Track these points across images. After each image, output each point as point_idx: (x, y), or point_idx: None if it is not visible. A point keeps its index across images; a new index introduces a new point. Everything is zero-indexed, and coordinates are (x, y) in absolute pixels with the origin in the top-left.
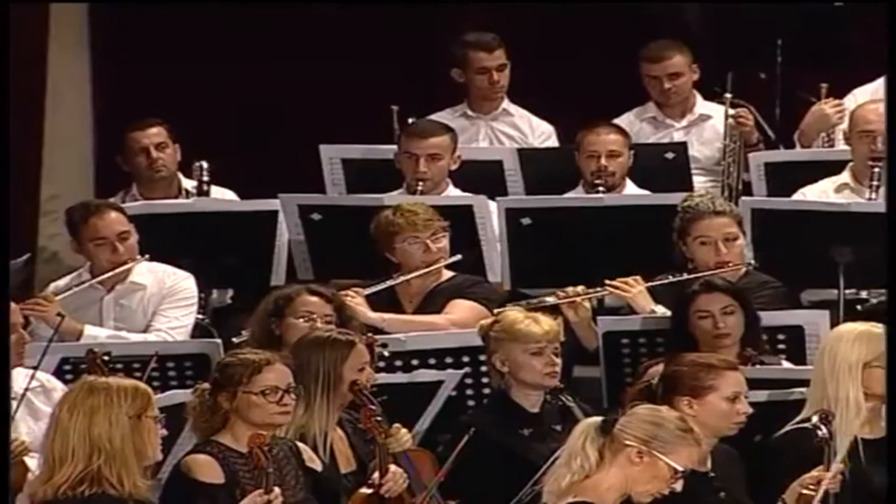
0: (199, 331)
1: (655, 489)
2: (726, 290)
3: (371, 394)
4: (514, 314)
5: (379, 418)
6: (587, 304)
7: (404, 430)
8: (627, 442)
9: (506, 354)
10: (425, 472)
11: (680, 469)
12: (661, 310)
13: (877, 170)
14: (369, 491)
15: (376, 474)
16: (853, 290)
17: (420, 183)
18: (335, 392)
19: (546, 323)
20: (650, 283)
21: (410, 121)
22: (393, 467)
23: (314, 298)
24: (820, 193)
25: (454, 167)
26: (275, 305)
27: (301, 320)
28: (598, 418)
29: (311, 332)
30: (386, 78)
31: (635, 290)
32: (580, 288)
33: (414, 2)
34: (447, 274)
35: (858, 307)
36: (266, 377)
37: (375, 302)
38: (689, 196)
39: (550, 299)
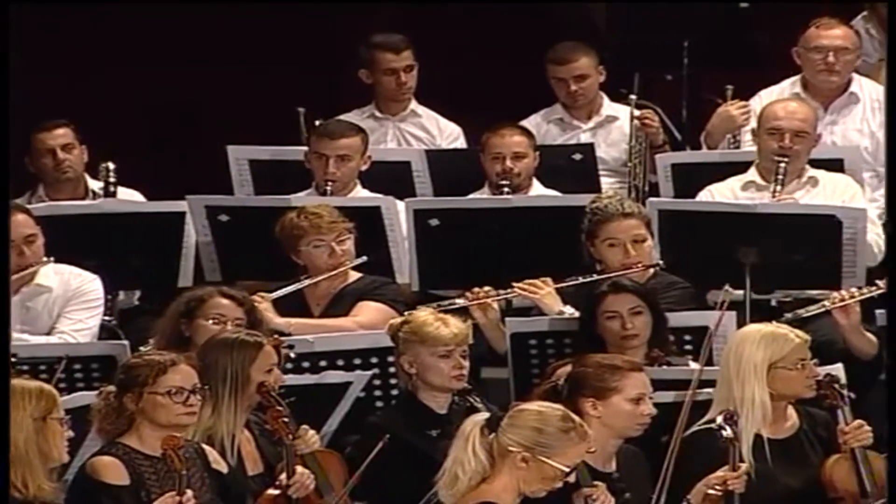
0: (105, 332)
1: (548, 487)
2: (634, 291)
3: (279, 395)
4: (424, 316)
5: (285, 419)
6: (496, 306)
7: (312, 432)
8: (511, 448)
9: (414, 356)
10: (333, 473)
11: (567, 469)
12: (570, 311)
13: (782, 165)
14: (276, 492)
15: (283, 475)
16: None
17: (329, 183)
18: (243, 394)
19: (455, 326)
20: (559, 285)
21: (318, 122)
22: (300, 468)
23: (226, 301)
24: (727, 191)
25: (364, 168)
26: (186, 306)
27: (211, 322)
28: (482, 417)
29: (219, 334)
30: (293, 79)
31: (543, 291)
32: (489, 289)
33: (321, 2)
34: (354, 275)
35: (778, 321)
36: (171, 378)
37: (282, 305)
38: (596, 198)
39: (460, 301)
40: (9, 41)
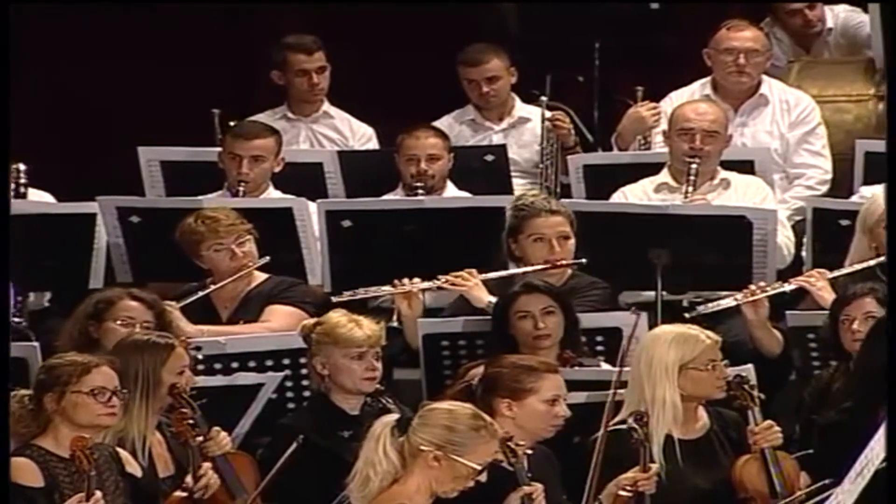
0: (16, 334)
1: (460, 486)
2: (547, 291)
3: (190, 397)
4: (337, 318)
5: (191, 421)
6: (422, 297)
7: (224, 434)
8: (422, 448)
9: (326, 357)
10: (245, 475)
11: (478, 468)
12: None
13: (693, 166)
14: (184, 494)
15: (189, 477)
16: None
17: (242, 184)
18: (154, 396)
19: (368, 327)
20: (485, 276)
21: (232, 123)
22: (205, 465)
23: (135, 304)
24: (640, 192)
25: (278, 169)
26: (95, 308)
27: (120, 324)
28: (392, 418)
29: (130, 336)
30: (205, 79)
31: (471, 282)
32: (417, 280)
33: (233, 2)
34: (260, 277)
35: (688, 314)
36: (94, 378)
37: (191, 311)
38: (522, 195)
39: (386, 288)
40: (9, 41)
